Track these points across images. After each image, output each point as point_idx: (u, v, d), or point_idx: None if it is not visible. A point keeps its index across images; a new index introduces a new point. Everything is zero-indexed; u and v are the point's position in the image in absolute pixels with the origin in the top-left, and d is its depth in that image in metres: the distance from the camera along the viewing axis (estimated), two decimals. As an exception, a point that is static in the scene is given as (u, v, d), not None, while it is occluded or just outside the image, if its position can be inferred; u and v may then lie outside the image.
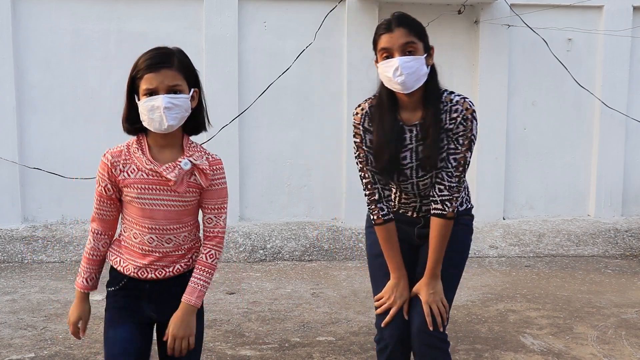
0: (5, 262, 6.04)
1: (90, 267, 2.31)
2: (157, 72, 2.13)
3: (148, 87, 2.12)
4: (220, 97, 6.60)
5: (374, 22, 6.68)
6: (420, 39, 2.47)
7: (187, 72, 2.22)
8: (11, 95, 6.32)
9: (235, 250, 6.32)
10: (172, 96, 2.12)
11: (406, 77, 2.38)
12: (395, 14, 2.51)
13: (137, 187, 2.18)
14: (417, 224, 2.65)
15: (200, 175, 2.23)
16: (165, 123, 2.12)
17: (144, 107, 2.12)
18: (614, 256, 6.59)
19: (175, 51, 2.25)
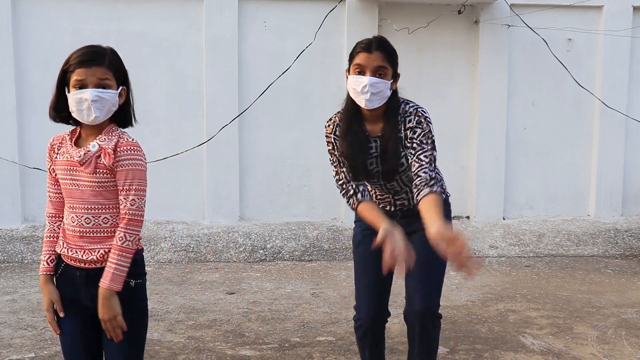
0: (5, 262, 6.04)
1: (49, 248, 2.42)
2: (89, 67, 2.29)
3: (78, 79, 2.29)
4: (220, 97, 6.61)
5: (374, 22, 6.69)
6: (392, 66, 2.76)
7: (117, 71, 2.36)
8: (11, 95, 6.32)
9: (235, 250, 6.32)
10: (100, 90, 2.29)
11: (371, 95, 2.69)
12: (376, 37, 2.79)
13: (60, 169, 2.39)
14: (395, 216, 2.92)
15: (105, 155, 2.33)
16: (92, 114, 2.29)
17: (73, 98, 2.29)
18: (614, 256, 6.59)
19: (107, 50, 2.40)
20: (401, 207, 2.96)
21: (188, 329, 4.35)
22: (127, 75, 2.41)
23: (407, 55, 6.92)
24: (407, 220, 2.89)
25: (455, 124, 7.06)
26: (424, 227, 2.62)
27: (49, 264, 2.40)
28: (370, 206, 2.77)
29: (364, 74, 2.70)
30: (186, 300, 4.99)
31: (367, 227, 2.85)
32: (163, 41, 6.58)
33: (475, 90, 6.98)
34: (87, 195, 2.34)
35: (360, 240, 2.97)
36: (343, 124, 2.83)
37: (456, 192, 7.21)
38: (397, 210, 2.96)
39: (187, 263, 6.14)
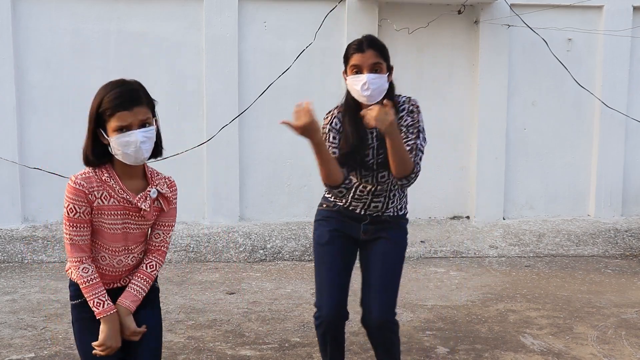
0: (5, 262, 6.04)
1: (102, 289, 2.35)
2: (130, 110, 2.25)
3: (121, 124, 2.24)
4: (220, 97, 6.61)
5: (374, 22, 6.70)
6: (385, 60, 2.94)
7: (151, 105, 2.35)
8: (11, 95, 6.32)
9: (235, 250, 6.32)
10: (144, 130, 2.28)
11: (372, 91, 2.87)
12: (366, 37, 2.99)
13: (111, 214, 2.33)
14: (363, 221, 3.07)
15: (164, 201, 2.42)
16: (142, 156, 2.29)
17: (118, 142, 2.25)
18: (614, 256, 6.59)
19: (138, 87, 2.34)
20: (373, 211, 3.06)
21: (188, 329, 4.36)
22: (155, 105, 2.38)
23: (407, 55, 6.93)
24: (375, 227, 3.07)
25: (455, 124, 7.07)
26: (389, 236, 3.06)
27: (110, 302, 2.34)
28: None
29: (361, 73, 2.89)
30: (186, 300, 4.99)
31: (335, 228, 3.06)
32: (163, 41, 6.58)
33: (475, 90, 6.98)
34: (139, 237, 2.42)
35: (327, 240, 3.06)
36: (343, 119, 2.97)
37: (456, 192, 7.23)
38: (367, 214, 3.07)
39: (187, 263, 6.14)
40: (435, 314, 4.70)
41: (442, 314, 4.71)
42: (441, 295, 5.16)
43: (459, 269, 5.98)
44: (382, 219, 3.07)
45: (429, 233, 6.77)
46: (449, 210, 7.18)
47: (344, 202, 3.06)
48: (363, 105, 2.92)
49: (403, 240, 3.16)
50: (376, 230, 3.07)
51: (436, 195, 7.14)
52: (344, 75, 2.99)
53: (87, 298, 2.32)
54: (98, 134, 2.29)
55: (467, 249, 6.56)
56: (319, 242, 3.11)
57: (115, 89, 2.27)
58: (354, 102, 2.96)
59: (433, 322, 4.53)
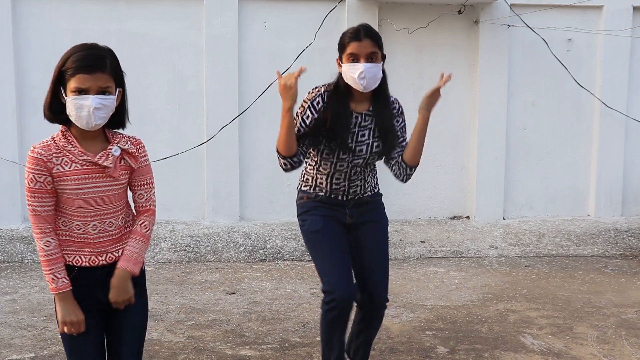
0: (5, 262, 6.04)
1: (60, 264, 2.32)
2: (90, 74, 2.23)
3: (79, 86, 2.22)
4: (220, 97, 6.61)
5: (374, 22, 6.69)
6: (379, 49, 3.02)
7: (116, 74, 2.31)
8: (11, 95, 6.32)
9: (235, 250, 6.32)
10: (101, 97, 2.24)
11: (368, 80, 2.97)
12: (362, 25, 3.04)
13: (74, 179, 2.27)
14: (347, 205, 3.17)
15: (130, 157, 2.36)
16: (93, 122, 2.24)
17: (73, 104, 2.24)
18: (614, 256, 6.59)
19: (107, 53, 2.34)
20: (353, 195, 3.17)
21: (188, 329, 4.36)
22: (124, 76, 2.37)
23: (407, 55, 6.93)
24: (358, 210, 3.18)
25: (455, 124, 7.07)
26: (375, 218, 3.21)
27: (67, 279, 2.32)
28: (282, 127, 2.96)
29: (357, 61, 2.97)
30: (186, 300, 4.99)
31: (324, 214, 3.12)
32: (163, 41, 6.58)
33: (475, 90, 6.98)
34: (111, 199, 2.35)
35: (322, 226, 3.11)
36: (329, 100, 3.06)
37: (456, 192, 7.23)
38: (349, 199, 3.17)
39: (187, 263, 6.14)
40: (435, 314, 4.70)
41: (442, 314, 4.71)
42: (441, 295, 5.16)
43: (459, 269, 5.98)
44: (363, 200, 3.20)
45: (429, 233, 6.77)
46: (449, 210, 7.19)
47: (325, 192, 3.15)
48: (355, 91, 3.03)
49: (385, 217, 3.33)
50: (360, 212, 3.19)
51: (436, 195, 7.14)
52: (338, 62, 3.08)
53: (44, 272, 2.31)
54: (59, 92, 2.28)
55: (467, 249, 6.56)
56: (313, 230, 3.14)
57: (82, 51, 2.28)
58: (345, 88, 3.06)
59: (433, 322, 4.53)
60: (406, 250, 6.47)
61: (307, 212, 3.18)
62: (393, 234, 6.68)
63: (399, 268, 6.00)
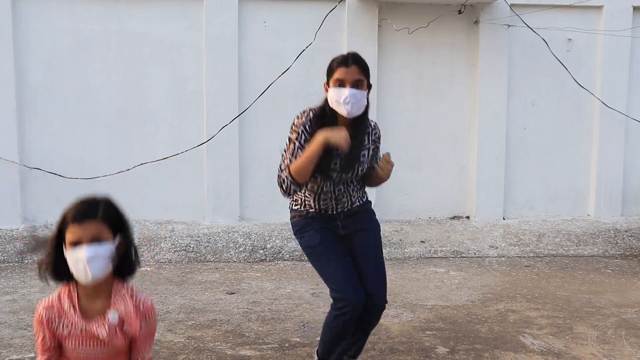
0: (5, 262, 6.04)
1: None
2: (81, 224, 2.13)
3: (72, 239, 2.13)
4: (220, 97, 6.61)
5: (374, 22, 6.70)
6: (366, 78, 3.10)
7: (112, 221, 2.19)
8: (11, 95, 6.32)
9: (235, 250, 6.32)
10: (95, 246, 2.12)
11: (352, 105, 3.04)
12: (351, 53, 3.14)
13: (74, 343, 2.22)
14: (337, 218, 3.27)
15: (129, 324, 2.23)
16: (89, 275, 2.13)
17: (70, 259, 2.15)
18: (614, 256, 6.59)
19: (101, 201, 2.21)
20: (342, 208, 3.26)
21: (188, 329, 4.36)
22: (126, 221, 2.24)
23: (407, 55, 6.93)
24: (349, 220, 3.28)
25: (455, 124, 7.07)
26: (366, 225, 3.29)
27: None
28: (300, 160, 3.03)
29: (344, 87, 3.04)
30: (186, 300, 4.99)
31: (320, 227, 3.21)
32: (163, 41, 6.58)
33: (475, 90, 6.98)
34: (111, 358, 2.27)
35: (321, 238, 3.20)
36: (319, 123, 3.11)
37: (456, 192, 7.23)
38: (339, 212, 3.26)
39: (187, 263, 6.14)
40: (435, 314, 4.70)
41: (442, 314, 4.71)
42: (441, 295, 5.16)
43: (459, 269, 5.98)
44: (352, 211, 3.29)
45: (429, 233, 6.77)
46: (449, 210, 7.19)
47: (315, 209, 3.25)
48: (340, 117, 3.10)
49: (376, 222, 3.41)
50: (352, 222, 3.28)
51: (436, 195, 7.14)
52: (325, 86, 3.15)
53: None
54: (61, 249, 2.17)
55: (467, 249, 6.56)
56: (313, 244, 3.24)
57: (77, 201, 2.19)
58: (331, 113, 3.12)
59: (433, 322, 4.53)
60: (406, 250, 6.47)
61: (302, 229, 3.29)
62: (393, 234, 6.68)
63: (399, 268, 6.00)
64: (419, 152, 7.04)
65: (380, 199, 6.90)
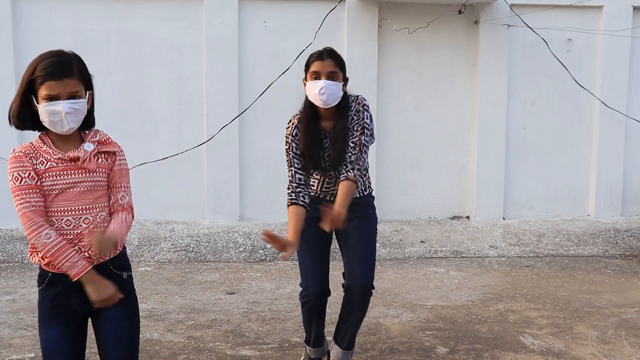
0: (5, 262, 6.04)
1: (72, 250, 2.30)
2: (59, 80, 2.27)
3: (49, 93, 2.27)
4: (220, 97, 6.61)
5: (374, 22, 6.70)
6: (341, 71, 3.26)
7: (85, 78, 2.36)
8: (11, 95, 6.27)
9: (235, 250, 6.32)
10: (72, 102, 2.29)
11: (327, 96, 3.18)
12: (326, 48, 3.31)
13: (50, 176, 2.32)
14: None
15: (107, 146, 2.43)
16: (67, 126, 2.30)
17: (45, 110, 2.28)
18: (614, 256, 6.59)
19: (74, 59, 2.35)
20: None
21: (188, 329, 4.36)
22: (91, 79, 2.40)
23: (407, 55, 6.93)
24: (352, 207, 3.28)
25: (455, 124, 7.07)
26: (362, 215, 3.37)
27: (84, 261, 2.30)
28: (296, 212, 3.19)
29: (319, 79, 3.21)
30: (186, 300, 4.99)
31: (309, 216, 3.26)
32: (163, 41, 6.58)
33: (475, 90, 6.98)
34: (87, 194, 2.37)
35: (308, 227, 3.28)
36: (302, 124, 3.28)
37: (456, 192, 7.23)
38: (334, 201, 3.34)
39: (187, 263, 6.14)
40: (435, 314, 4.70)
41: (442, 314, 4.71)
42: (441, 295, 5.16)
43: (459, 269, 5.98)
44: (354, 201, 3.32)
45: (429, 233, 6.77)
46: (449, 210, 7.19)
47: (315, 192, 3.41)
48: (320, 110, 3.25)
49: (373, 215, 3.48)
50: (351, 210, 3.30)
51: (436, 195, 7.14)
52: (304, 82, 3.32)
53: (58, 264, 2.28)
54: (30, 100, 2.32)
55: (467, 249, 6.56)
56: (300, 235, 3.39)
57: (48, 58, 2.31)
58: (312, 109, 3.28)
59: (433, 322, 4.53)
60: (406, 250, 6.47)
61: None
62: (393, 234, 6.68)
63: (399, 268, 6.00)
64: (419, 152, 7.05)
65: (380, 199, 6.90)
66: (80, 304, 2.36)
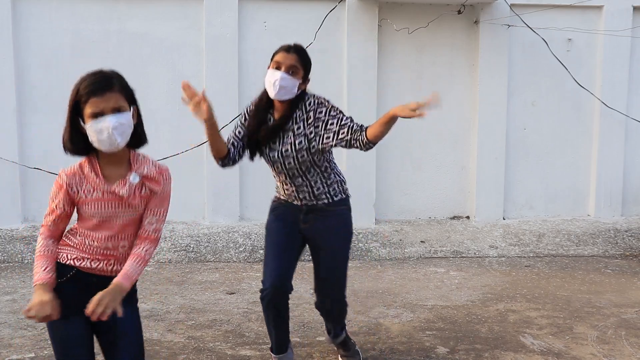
0: (5, 262, 6.04)
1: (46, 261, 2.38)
2: (102, 95, 2.30)
3: (94, 111, 2.29)
4: (220, 97, 6.59)
5: (374, 22, 6.70)
6: (303, 68, 3.26)
7: (127, 93, 2.39)
8: (11, 95, 6.32)
9: (235, 250, 6.32)
10: (117, 115, 2.31)
11: (280, 88, 3.17)
12: (296, 44, 3.36)
13: (95, 206, 2.38)
14: (301, 211, 3.36)
15: (152, 182, 2.43)
16: (116, 142, 2.31)
17: (93, 129, 2.30)
18: (614, 256, 6.59)
19: (113, 74, 2.41)
20: (305, 201, 3.36)
21: (188, 329, 4.36)
22: (134, 94, 2.44)
23: (407, 55, 6.93)
24: (313, 215, 3.35)
25: (455, 124, 7.07)
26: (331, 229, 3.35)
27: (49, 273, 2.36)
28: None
29: (279, 69, 3.19)
30: (186, 300, 4.99)
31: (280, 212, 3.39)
32: (163, 41, 6.58)
33: (475, 90, 6.98)
34: (128, 224, 2.43)
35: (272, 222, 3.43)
36: (255, 107, 3.32)
37: (456, 192, 7.23)
38: (302, 205, 3.36)
39: (187, 263, 6.14)
40: (435, 314, 4.70)
41: (442, 314, 4.71)
42: (441, 295, 5.16)
43: (459, 269, 5.98)
44: (317, 207, 3.34)
45: (429, 233, 6.77)
46: (449, 210, 7.19)
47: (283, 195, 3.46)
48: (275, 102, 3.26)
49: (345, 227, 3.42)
50: (316, 220, 3.35)
51: (436, 195, 7.14)
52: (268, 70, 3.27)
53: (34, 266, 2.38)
54: (78, 123, 2.34)
55: (467, 249, 6.56)
56: (268, 227, 3.47)
57: (89, 77, 2.35)
58: (266, 98, 3.28)
59: (433, 322, 4.53)
60: (406, 250, 6.47)
61: (271, 210, 3.53)
62: (393, 234, 6.68)
63: (399, 268, 6.01)
64: (419, 152, 7.04)
65: (380, 199, 6.91)
66: None
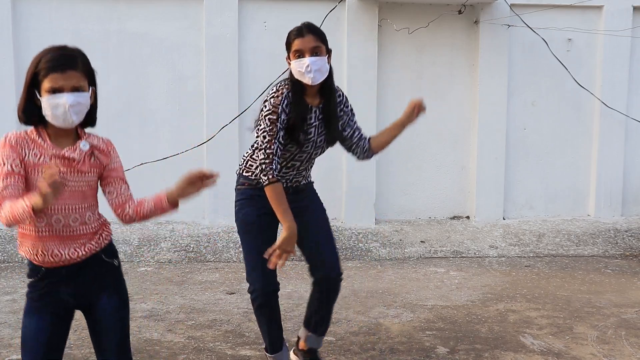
0: (5, 262, 6.04)
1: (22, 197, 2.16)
2: (63, 72, 2.29)
3: (52, 86, 2.28)
4: (220, 97, 6.61)
5: (374, 22, 6.70)
6: (323, 43, 3.20)
7: (89, 73, 2.38)
8: (11, 95, 6.32)
9: (235, 250, 6.32)
10: (76, 94, 2.29)
11: (314, 72, 3.13)
12: (305, 23, 3.23)
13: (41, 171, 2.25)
14: (287, 193, 3.26)
15: (101, 154, 2.43)
16: (70, 119, 2.29)
17: (48, 103, 2.28)
18: (614, 256, 6.59)
19: (77, 53, 2.41)
20: (295, 184, 3.40)
21: (188, 329, 4.36)
22: (95, 75, 2.42)
23: (407, 55, 6.93)
24: (297, 196, 3.38)
25: (455, 124, 7.07)
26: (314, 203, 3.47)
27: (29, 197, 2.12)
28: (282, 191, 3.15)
29: (303, 56, 3.14)
30: (186, 300, 4.99)
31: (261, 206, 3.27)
32: (163, 41, 6.58)
33: (475, 90, 6.98)
34: (78, 194, 2.36)
35: (254, 220, 3.34)
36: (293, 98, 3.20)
37: (456, 192, 7.23)
38: (289, 186, 3.37)
39: (187, 263, 6.14)
40: (435, 314, 4.70)
41: (442, 314, 4.71)
42: (441, 295, 5.16)
43: (459, 269, 5.98)
44: (299, 188, 3.43)
45: (429, 233, 6.77)
46: (449, 210, 7.19)
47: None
48: (307, 87, 3.20)
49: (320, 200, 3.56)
50: (300, 199, 3.40)
51: (436, 195, 7.14)
52: (288, 61, 3.24)
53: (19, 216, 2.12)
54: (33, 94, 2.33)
55: (467, 249, 6.56)
56: (246, 221, 3.37)
57: (52, 52, 2.36)
58: (299, 83, 3.20)
59: (433, 322, 4.53)
60: (406, 250, 6.47)
61: (243, 200, 3.41)
62: (393, 234, 6.68)
63: (399, 268, 6.01)
64: (419, 152, 7.04)
65: (380, 199, 6.91)
66: (73, 295, 2.39)
